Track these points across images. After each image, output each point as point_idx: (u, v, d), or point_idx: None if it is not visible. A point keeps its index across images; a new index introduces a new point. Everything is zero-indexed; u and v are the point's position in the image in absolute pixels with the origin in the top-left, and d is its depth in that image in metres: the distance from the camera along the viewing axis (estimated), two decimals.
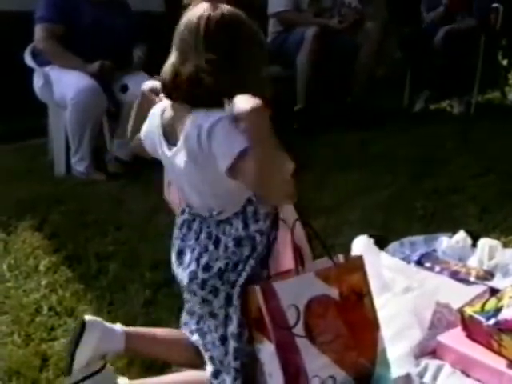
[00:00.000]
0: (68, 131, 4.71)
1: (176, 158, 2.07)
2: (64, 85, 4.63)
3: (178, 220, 2.23)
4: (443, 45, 6.04)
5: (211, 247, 2.10)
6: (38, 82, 4.84)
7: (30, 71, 4.93)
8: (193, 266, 2.12)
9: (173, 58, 2.04)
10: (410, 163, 4.61)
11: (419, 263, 2.99)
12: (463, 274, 2.80)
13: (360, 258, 2.26)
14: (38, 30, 4.75)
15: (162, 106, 2.15)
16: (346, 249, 3.17)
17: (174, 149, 2.07)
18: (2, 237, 3.77)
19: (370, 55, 5.81)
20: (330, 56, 5.60)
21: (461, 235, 3.17)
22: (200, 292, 2.12)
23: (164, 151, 2.12)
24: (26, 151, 5.53)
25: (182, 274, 2.17)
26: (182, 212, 2.22)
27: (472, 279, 2.77)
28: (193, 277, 2.12)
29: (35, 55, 4.88)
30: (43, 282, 3.25)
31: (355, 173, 4.48)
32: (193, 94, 1.98)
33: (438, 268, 2.91)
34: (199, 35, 1.97)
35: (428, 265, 2.96)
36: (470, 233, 3.21)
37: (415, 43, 6.30)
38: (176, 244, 2.21)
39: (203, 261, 2.10)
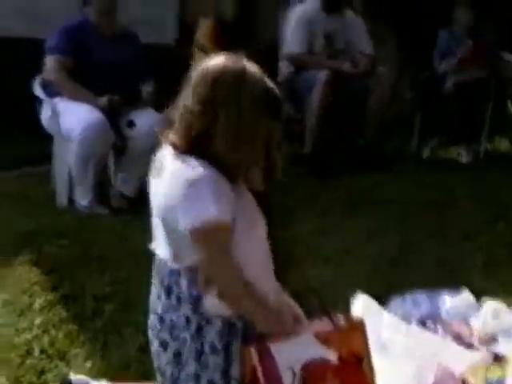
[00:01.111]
0: (72, 164, 4.66)
1: (157, 187, 2.02)
2: (71, 118, 4.60)
3: None
4: (453, 92, 6.04)
5: (163, 296, 2.02)
6: (45, 113, 4.81)
7: (39, 98, 4.90)
8: (151, 315, 2.07)
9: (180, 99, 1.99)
10: (419, 209, 4.58)
11: (422, 323, 2.92)
12: (466, 338, 2.74)
13: (361, 321, 2.18)
14: (50, 61, 4.73)
15: None
16: (347, 302, 3.13)
17: (159, 180, 2.02)
18: None
19: (381, 100, 5.78)
20: (341, 100, 5.57)
21: (465, 295, 3.11)
22: (154, 343, 2.05)
23: (151, 180, 2.08)
24: (29, 179, 5.45)
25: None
26: None
27: (475, 343, 2.71)
28: (150, 326, 2.07)
29: (45, 85, 4.85)
30: (36, 321, 3.19)
31: (363, 218, 4.45)
32: (184, 140, 1.95)
33: (440, 329, 2.85)
34: (200, 85, 1.93)
35: (431, 325, 2.89)
36: (474, 290, 3.16)
37: (427, 88, 6.28)
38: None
39: (159, 309, 2.03)
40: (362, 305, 2.95)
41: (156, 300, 2.05)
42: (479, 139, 6.23)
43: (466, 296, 3.09)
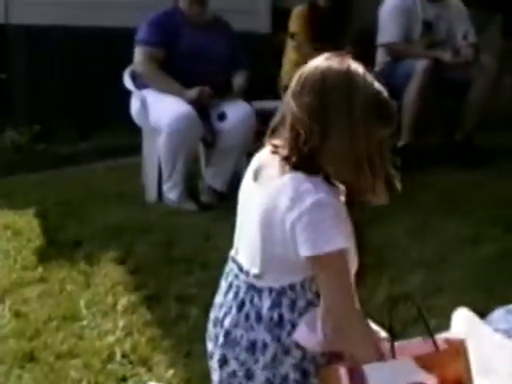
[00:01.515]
0: (161, 157, 4.57)
1: (255, 192, 1.86)
2: (160, 110, 4.50)
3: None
4: None
5: (234, 310, 1.87)
6: (134, 105, 4.72)
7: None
8: (214, 326, 1.94)
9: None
10: None
11: None
12: None
13: (462, 343, 1.98)
14: (138, 53, 4.64)
15: None
16: (445, 313, 2.90)
17: (258, 184, 1.86)
18: (85, 268, 3.64)
19: (483, 92, 5.43)
20: (439, 91, 5.29)
21: None
22: (214, 357, 1.92)
23: (247, 181, 1.92)
24: (119, 171, 5.41)
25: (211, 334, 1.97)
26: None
27: None
28: (211, 337, 1.96)
29: (134, 77, 4.77)
30: (120, 324, 3.10)
31: (460, 221, 4.16)
32: (295, 154, 1.78)
33: None
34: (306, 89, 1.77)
35: None
36: None
37: None
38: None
39: (226, 322, 1.88)
40: (462, 320, 2.71)
41: (222, 310, 1.92)
42: None
43: None
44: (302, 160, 1.76)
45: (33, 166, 5.77)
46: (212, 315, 1.98)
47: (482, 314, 2.94)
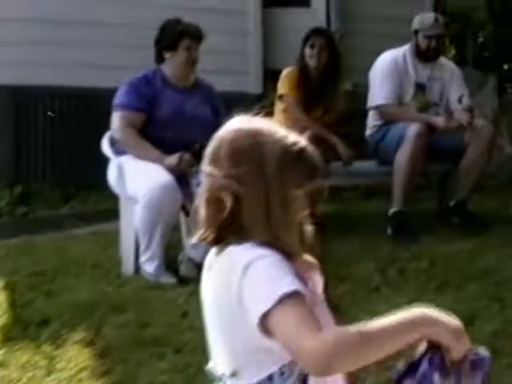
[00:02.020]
0: (138, 228, 4.33)
1: (206, 286, 1.65)
2: (137, 178, 4.28)
3: None
4: None
5: None
6: (112, 172, 4.51)
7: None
8: None
9: None
10: None
11: None
12: None
13: None
14: (116, 118, 4.44)
15: None
16: None
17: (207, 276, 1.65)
18: (49, 351, 3.36)
19: (478, 157, 5.22)
20: (432, 156, 5.09)
21: None
22: None
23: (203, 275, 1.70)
24: (99, 238, 5.20)
25: None
26: None
27: None
28: None
29: (112, 143, 4.56)
30: None
31: (452, 296, 3.89)
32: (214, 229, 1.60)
33: None
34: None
35: None
36: None
37: None
38: None
39: None
40: None
41: None
42: None
43: None
44: (224, 232, 1.59)
45: (12, 230, 5.62)
46: None
47: None
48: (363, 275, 4.25)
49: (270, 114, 4.95)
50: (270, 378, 1.56)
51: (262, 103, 6.33)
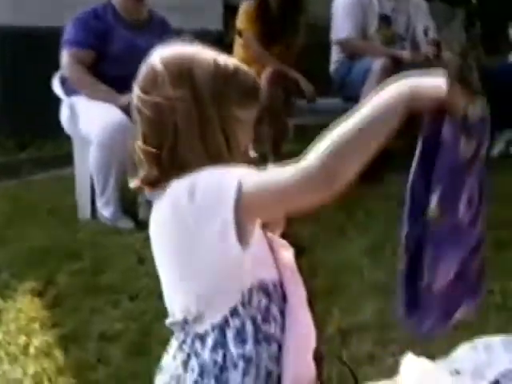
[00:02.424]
0: (93, 170, 4.14)
1: (154, 238, 1.54)
2: (90, 118, 4.07)
3: None
4: None
5: (180, 369, 1.49)
6: (64, 113, 4.31)
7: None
8: None
9: None
10: (487, 226, 3.86)
11: None
12: None
13: None
14: (66, 56, 4.21)
15: None
16: (405, 349, 2.53)
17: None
18: None
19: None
20: None
21: None
22: None
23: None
24: (56, 185, 5.01)
25: None
26: None
27: None
28: None
29: (63, 83, 4.34)
30: (30, 371, 2.66)
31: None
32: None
33: None
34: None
35: None
36: None
37: (498, 75, 5.57)
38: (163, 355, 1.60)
39: None
40: (414, 370, 2.32)
41: (168, 373, 1.53)
42: None
43: None
44: (168, 169, 1.47)
45: None
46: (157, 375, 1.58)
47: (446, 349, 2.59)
48: (328, 216, 4.10)
49: (230, 50, 4.73)
50: (234, 310, 1.45)
51: (223, 40, 6.16)
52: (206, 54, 1.53)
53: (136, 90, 1.51)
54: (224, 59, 1.53)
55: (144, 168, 1.49)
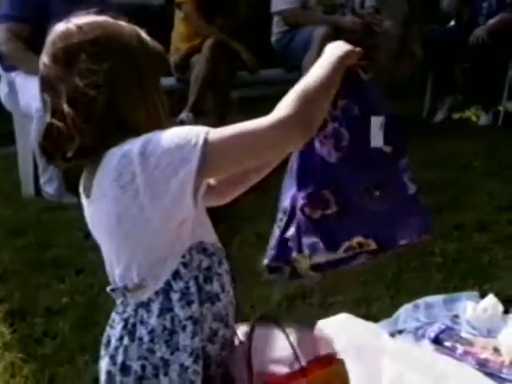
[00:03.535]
0: (34, 147, 4.09)
1: (92, 208, 1.52)
2: (29, 93, 4.00)
3: None
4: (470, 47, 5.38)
5: (126, 340, 1.49)
6: (2, 89, 4.26)
7: None
8: (108, 365, 1.52)
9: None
10: (428, 190, 3.93)
11: (437, 341, 2.37)
12: (493, 365, 2.18)
13: (340, 364, 1.56)
14: (1, 31, 4.14)
15: None
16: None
17: (89, 199, 1.51)
18: None
19: (388, 57, 5.13)
20: None
21: (489, 300, 2.55)
22: None
23: (85, 207, 1.56)
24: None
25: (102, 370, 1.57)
26: None
27: (504, 372, 2.15)
28: (109, 379, 1.52)
29: (0, 59, 4.27)
30: None
31: None
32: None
33: (460, 350, 2.29)
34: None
35: (448, 344, 2.34)
36: (500, 294, 2.61)
37: (439, 42, 5.64)
38: (106, 330, 1.59)
39: (119, 359, 1.50)
40: (346, 326, 2.36)
41: (112, 344, 1.53)
42: (499, 99, 5.58)
43: (491, 302, 2.52)
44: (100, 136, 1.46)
45: None
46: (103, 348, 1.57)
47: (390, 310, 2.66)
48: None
49: (171, 24, 4.68)
50: (175, 274, 1.47)
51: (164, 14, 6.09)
52: (116, 22, 1.54)
53: (54, 65, 1.50)
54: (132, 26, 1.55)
55: (72, 141, 1.46)
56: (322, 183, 1.65)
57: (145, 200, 1.40)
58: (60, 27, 1.53)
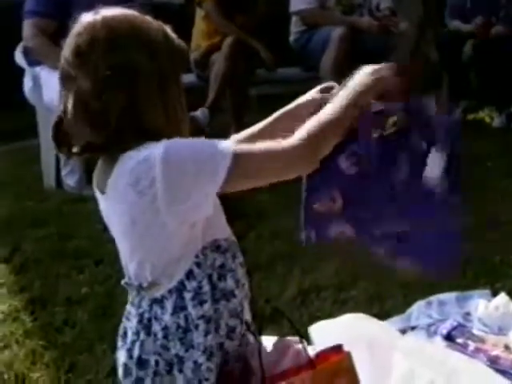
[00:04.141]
0: None
1: (107, 205, 1.54)
2: (54, 88, 4.05)
3: None
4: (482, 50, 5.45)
5: (142, 335, 1.53)
6: (27, 83, 4.33)
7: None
8: (125, 358, 1.56)
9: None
10: None
11: (449, 338, 2.42)
12: (504, 362, 2.23)
13: (347, 357, 1.57)
14: (27, 26, 4.22)
15: None
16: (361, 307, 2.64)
17: (104, 196, 1.53)
18: None
19: (404, 59, 5.16)
20: (358, 59, 4.99)
21: (501, 299, 2.60)
22: None
23: (100, 201, 1.58)
24: (18, 156, 5.04)
25: (120, 362, 1.60)
26: None
27: None
28: (126, 372, 1.56)
29: (26, 54, 4.35)
30: None
31: None
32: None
33: (472, 347, 2.34)
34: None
35: (460, 341, 2.39)
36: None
37: (453, 45, 5.69)
38: (122, 322, 1.63)
39: (135, 353, 1.53)
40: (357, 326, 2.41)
41: (129, 337, 1.56)
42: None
43: (503, 301, 2.57)
44: (118, 135, 1.45)
45: None
46: (120, 344, 1.61)
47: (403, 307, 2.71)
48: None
49: (191, 23, 4.73)
50: (189, 274, 1.49)
51: (185, 13, 6.14)
52: (142, 17, 1.51)
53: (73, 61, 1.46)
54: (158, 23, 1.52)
55: (84, 135, 1.45)
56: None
57: (162, 204, 1.40)
58: (87, 18, 1.51)
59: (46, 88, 4.19)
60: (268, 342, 1.63)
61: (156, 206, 1.40)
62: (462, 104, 5.76)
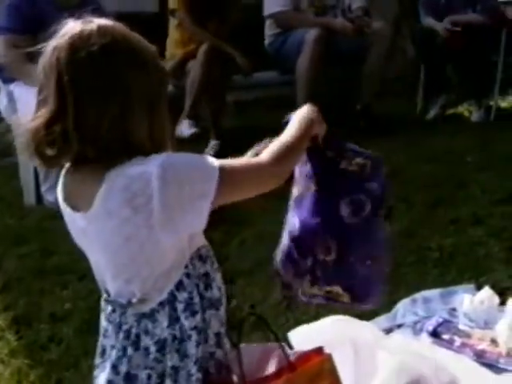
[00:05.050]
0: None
1: (91, 225, 1.48)
2: (29, 104, 4.05)
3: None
4: (460, 45, 5.46)
5: (130, 350, 1.51)
6: (2, 101, 4.30)
7: None
8: (109, 375, 1.53)
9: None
10: (423, 185, 4.00)
11: (435, 334, 2.42)
12: (490, 355, 2.23)
13: (328, 358, 1.57)
14: (0, 43, 4.19)
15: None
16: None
17: (87, 215, 1.47)
18: None
19: (380, 57, 5.18)
20: (333, 60, 5.00)
21: (486, 293, 2.60)
22: None
23: (74, 219, 1.54)
24: (0, 172, 4.99)
25: (102, 380, 1.56)
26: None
27: (502, 363, 2.20)
28: None
29: (0, 70, 4.33)
30: None
31: None
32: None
33: (458, 342, 2.35)
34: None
35: (446, 337, 2.39)
36: (496, 286, 2.66)
37: (429, 40, 5.69)
38: (99, 340, 1.61)
39: (123, 368, 1.51)
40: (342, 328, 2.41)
41: (114, 354, 1.53)
42: (491, 94, 5.65)
43: (487, 295, 2.57)
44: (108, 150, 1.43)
45: None
46: (98, 362, 1.58)
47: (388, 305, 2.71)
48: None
49: (165, 32, 4.70)
50: (179, 285, 1.48)
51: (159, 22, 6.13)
52: (125, 28, 1.50)
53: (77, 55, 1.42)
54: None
55: (74, 147, 1.42)
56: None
57: (157, 221, 1.39)
58: (76, 27, 1.48)
59: (21, 104, 4.16)
60: (250, 348, 1.62)
61: (151, 222, 1.39)
62: (440, 99, 5.77)
